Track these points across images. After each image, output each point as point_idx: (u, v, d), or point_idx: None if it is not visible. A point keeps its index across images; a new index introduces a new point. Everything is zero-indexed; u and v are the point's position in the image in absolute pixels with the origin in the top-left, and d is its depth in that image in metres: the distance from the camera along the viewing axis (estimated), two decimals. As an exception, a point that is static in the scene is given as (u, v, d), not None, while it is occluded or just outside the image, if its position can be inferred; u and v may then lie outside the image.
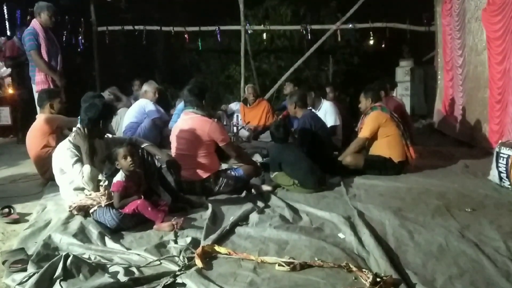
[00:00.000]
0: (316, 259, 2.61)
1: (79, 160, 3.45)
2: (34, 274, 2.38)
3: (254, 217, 3.42)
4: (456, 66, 7.60)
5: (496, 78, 5.73)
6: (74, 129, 3.67)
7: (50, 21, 5.68)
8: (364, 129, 4.92)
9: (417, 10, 9.81)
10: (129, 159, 3.29)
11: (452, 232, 3.04)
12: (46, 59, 5.60)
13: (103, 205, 3.25)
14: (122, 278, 2.38)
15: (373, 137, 4.89)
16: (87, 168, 3.38)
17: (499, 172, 4.26)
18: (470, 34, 6.77)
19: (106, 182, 3.39)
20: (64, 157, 3.50)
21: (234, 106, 8.22)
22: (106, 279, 2.36)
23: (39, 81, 5.67)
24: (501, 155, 4.24)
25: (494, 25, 5.72)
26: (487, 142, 5.98)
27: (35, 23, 5.64)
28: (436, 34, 9.13)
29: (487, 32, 5.96)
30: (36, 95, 5.64)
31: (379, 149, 4.86)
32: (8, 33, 8.03)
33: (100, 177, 3.40)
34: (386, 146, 4.81)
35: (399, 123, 4.93)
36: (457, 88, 7.63)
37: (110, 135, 4.03)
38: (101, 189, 3.34)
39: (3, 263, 2.59)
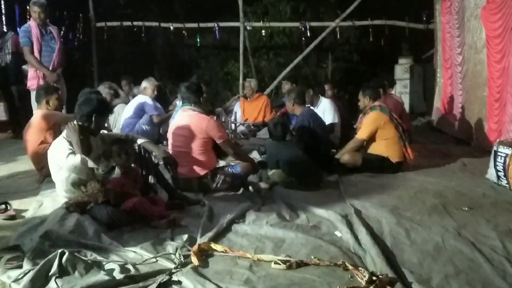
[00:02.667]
0: (312, 257, 2.60)
1: (73, 153, 3.45)
2: (29, 271, 2.37)
3: (251, 214, 3.41)
4: (455, 64, 7.60)
5: (495, 77, 5.73)
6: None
7: (38, 18, 5.72)
8: (362, 131, 4.89)
9: (417, 7, 9.80)
10: (123, 156, 3.29)
11: (449, 231, 3.03)
12: (38, 56, 5.69)
13: (99, 202, 3.24)
14: (118, 275, 2.37)
15: (371, 138, 4.86)
16: (78, 156, 3.38)
17: (497, 171, 4.26)
18: (470, 32, 6.76)
19: (100, 170, 3.38)
20: (58, 153, 3.50)
21: (236, 103, 8.22)
22: (101, 276, 2.35)
23: (29, 77, 5.79)
24: (499, 154, 4.24)
25: (493, 23, 5.71)
26: (486, 140, 5.98)
27: (31, 19, 5.77)
28: (435, 32, 9.11)
29: (486, 30, 5.95)
30: (32, 92, 5.68)
31: (377, 150, 4.84)
32: (5, 29, 7.97)
33: (91, 164, 3.37)
34: (384, 147, 4.79)
35: (398, 124, 4.88)
36: (456, 86, 7.63)
37: (106, 131, 4.02)
38: (96, 185, 3.33)
39: (-1, 259, 2.59)
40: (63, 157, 3.45)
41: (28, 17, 6.15)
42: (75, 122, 3.64)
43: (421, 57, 10.84)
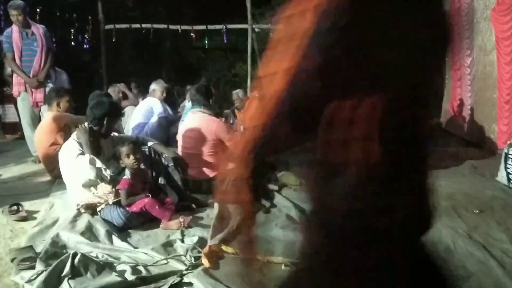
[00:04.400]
0: (322, 259, 2.60)
1: (82, 154, 3.47)
2: (42, 272, 2.40)
3: (260, 216, 3.41)
4: (465, 66, 7.55)
5: (505, 79, 5.69)
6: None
7: (17, 21, 5.28)
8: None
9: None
10: (131, 157, 3.31)
11: (460, 234, 3.02)
12: (18, 62, 5.35)
13: (110, 203, 3.26)
14: (129, 276, 2.40)
15: None
16: (86, 156, 3.39)
17: (508, 173, 4.23)
18: (479, 34, 6.72)
19: (108, 171, 3.39)
20: (69, 154, 3.52)
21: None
22: (113, 277, 2.38)
23: (14, 83, 5.51)
24: (509, 156, 4.21)
25: (503, 25, 5.68)
26: (496, 142, 5.94)
27: (14, 23, 5.38)
28: (444, 34, 9.07)
29: (496, 32, 5.92)
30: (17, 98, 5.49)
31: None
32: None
33: (99, 164, 3.39)
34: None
35: None
36: (465, 88, 7.59)
37: (116, 134, 4.04)
38: (107, 187, 3.35)
39: (12, 260, 2.62)
40: (73, 158, 3.48)
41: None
42: (85, 124, 3.67)
43: (429, 58, 10.79)
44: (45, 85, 5.42)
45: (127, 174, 3.34)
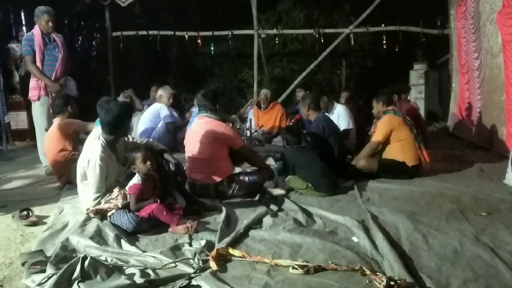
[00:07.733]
0: (330, 262, 2.61)
1: (102, 179, 3.38)
2: (52, 275, 2.42)
3: (267, 220, 3.43)
4: (473, 69, 7.54)
5: (512, 81, 5.68)
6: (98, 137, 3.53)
7: (47, 26, 5.41)
8: (377, 133, 4.91)
9: (431, 13, 9.77)
10: (148, 163, 3.34)
11: (467, 236, 3.02)
12: (40, 65, 5.40)
13: (120, 206, 3.29)
14: (138, 280, 2.41)
15: (386, 141, 4.87)
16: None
17: (515, 176, 4.22)
18: (486, 36, 6.72)
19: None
20: (91, 165, 3.37)
21: (250, 110, 8.27)
22: (122, 280, 2.40)
23: (31, 87, 5.51)
24: (517, 158, 4.20)
25: (509, 27, 5.67)
26: (504, 145, 5.92)
27: (35, 28, 5.47)
28: (450, 37, 9.07)
29: (502, 35, 5.91)
30: (33, 103, 5.50)
31: (392, 153, 4.84)
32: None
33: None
34: (400, 150, 4.79)
35: (412, 126, 4.90)
36: (474, 91, 7.57)
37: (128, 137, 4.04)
38: (115, 192, 3.37)
39: (23, 264, 2.65)
40: (92, 176, 3.37)
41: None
42: (102, 139, 3.51)
43: (436, 62, 10.78)
44: (64, 91, 5.49)
45: (138, 179, 3.36)
